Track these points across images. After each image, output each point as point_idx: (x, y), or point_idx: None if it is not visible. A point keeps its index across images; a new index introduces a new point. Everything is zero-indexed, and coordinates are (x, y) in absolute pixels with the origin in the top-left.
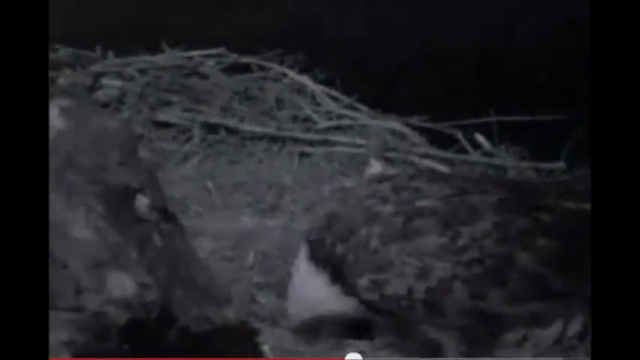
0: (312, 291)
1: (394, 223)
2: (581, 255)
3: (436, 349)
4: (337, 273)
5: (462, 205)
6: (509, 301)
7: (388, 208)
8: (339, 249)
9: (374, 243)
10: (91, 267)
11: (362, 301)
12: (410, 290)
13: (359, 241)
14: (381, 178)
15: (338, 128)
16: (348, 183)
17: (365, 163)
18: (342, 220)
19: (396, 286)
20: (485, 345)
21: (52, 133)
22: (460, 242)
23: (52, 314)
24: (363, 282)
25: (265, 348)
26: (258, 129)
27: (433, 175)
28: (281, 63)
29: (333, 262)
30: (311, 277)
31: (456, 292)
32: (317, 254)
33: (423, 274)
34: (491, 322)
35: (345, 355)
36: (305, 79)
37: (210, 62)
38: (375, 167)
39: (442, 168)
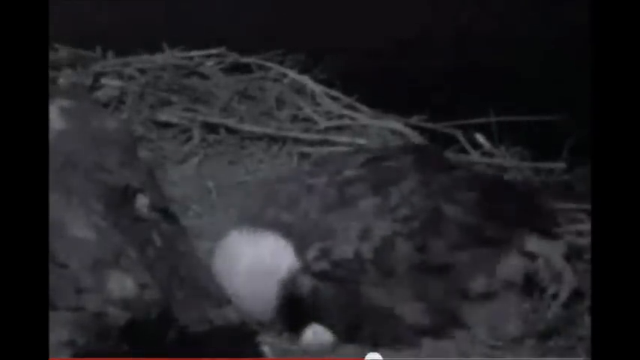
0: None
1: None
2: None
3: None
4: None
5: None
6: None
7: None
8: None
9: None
10: (91, 267)
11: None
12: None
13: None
14: None
15: (338, 128)
16: None
17: None
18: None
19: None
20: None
21: (52, 133)
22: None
23: (52, 314)
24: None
25: (265, 348)
26: (258, 129)
27: None
28: (281, 63)
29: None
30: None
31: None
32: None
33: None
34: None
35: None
36: (305, 79)
37: (210, 62)
38: None
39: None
